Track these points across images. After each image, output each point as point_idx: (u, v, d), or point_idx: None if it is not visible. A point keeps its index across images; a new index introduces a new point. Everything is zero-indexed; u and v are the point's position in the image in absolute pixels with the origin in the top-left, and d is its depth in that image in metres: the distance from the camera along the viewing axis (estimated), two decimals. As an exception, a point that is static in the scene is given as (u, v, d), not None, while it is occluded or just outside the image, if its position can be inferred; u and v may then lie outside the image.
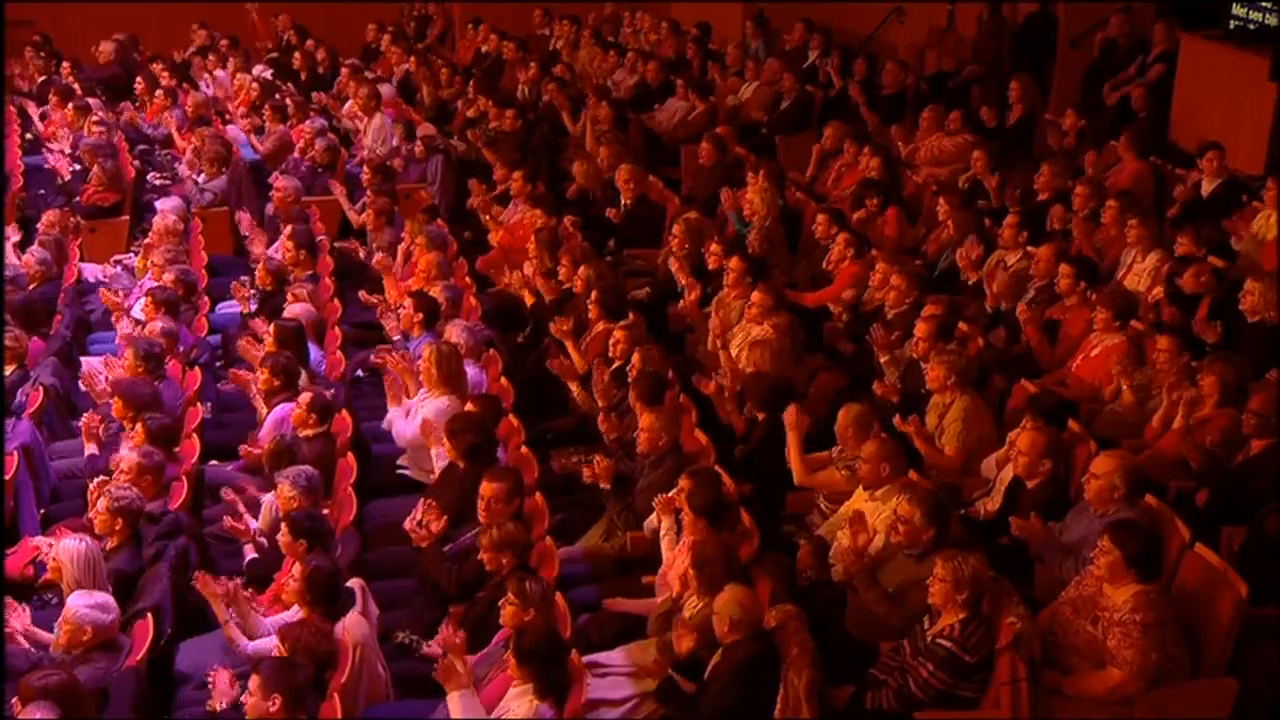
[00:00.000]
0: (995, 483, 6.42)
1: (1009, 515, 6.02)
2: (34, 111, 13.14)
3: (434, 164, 11.43)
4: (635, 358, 7.27)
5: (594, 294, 8.01)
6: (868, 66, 12.77)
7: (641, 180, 10.21)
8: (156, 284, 8.90)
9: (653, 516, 6.21)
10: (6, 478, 6.92)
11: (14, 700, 5.12)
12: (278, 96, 12.77)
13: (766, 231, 9.17)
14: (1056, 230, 8.85)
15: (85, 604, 5.56)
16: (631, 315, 8.04)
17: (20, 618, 5.81)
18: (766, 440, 6.73)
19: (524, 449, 6.93)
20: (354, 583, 5.81)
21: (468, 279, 9.10)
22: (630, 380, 7.13)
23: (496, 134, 11.84)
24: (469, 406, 6.90)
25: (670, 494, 6.06)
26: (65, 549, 5.86)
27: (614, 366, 7.54)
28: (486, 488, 6.15)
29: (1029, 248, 8.34)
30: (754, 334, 7.59)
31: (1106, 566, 5.15)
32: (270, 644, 5.61)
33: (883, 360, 7.42)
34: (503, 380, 7.63)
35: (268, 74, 13.80)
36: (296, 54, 14.46)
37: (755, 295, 7.74)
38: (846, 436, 6.37)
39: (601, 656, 5.67)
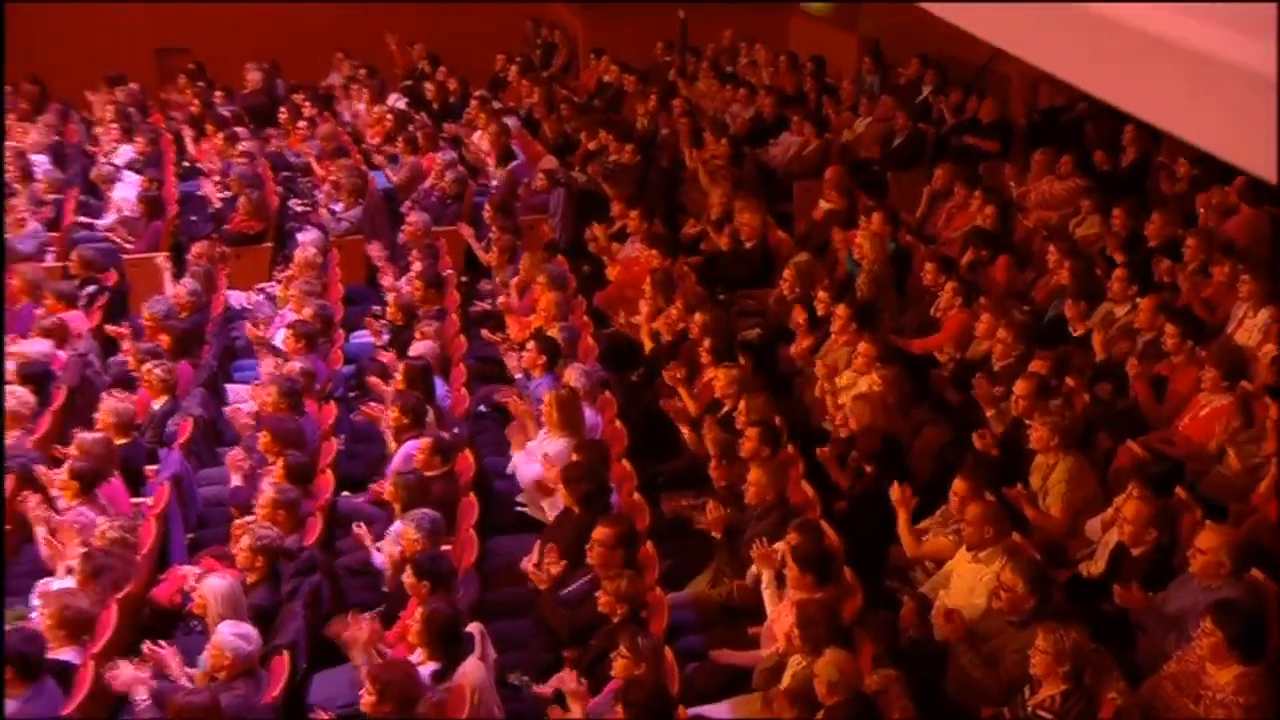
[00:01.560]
0: (1099, 546, 6.32)
1: (1113, 580, 5.93)
2: (189, 138, 13.48)
3: (556, 197, 11.50)
4: (743, 405, 7.29)
5: (706, 341, 8.03)
6: (978, 102, 12.56)
7: (757, 219, 10.19)
8: (296, 317, 9.13)
9: (755, 566, 6.24)
10: (158, 509, 7.19)
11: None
12: (410, 128, 12.95)
13: (875, 275, 9.12)
14: (1164, 283, 8.64)
15: (232, 633, 5.74)
16: (741, 359, 8.05)
17: (170, 656, 5.96)
18: (872, 495, 6.70)
19: (636, 495, 6.98)
20: (473, 627, 5.90)
21: (585, 317, 9.16)
22: (739, 427, 7.16)
23: (616, 168, 11.89)
24: (583, 454, 6.97)
25: (771, 547, 6.09)
26: (210, 587, 6.07)
27: (723, 412, 7.57)
28: (599, 534, 6.22)
29: (1138, 300, 8.16)
30: (860, 386, 7.54)
31: (1209, 647, 5.03)
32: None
33: (988, 414, 7.35)
34: (617, 423, 7.69)
35: (402, 103, 13.97)
36: (429, 83, 14.64)
37: (862, 345, 7.70)
38: (957, 503, 6.29)
39: (708, 709, 5.69)
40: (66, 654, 6.03)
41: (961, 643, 5.59)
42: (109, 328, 9.60)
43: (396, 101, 14.02)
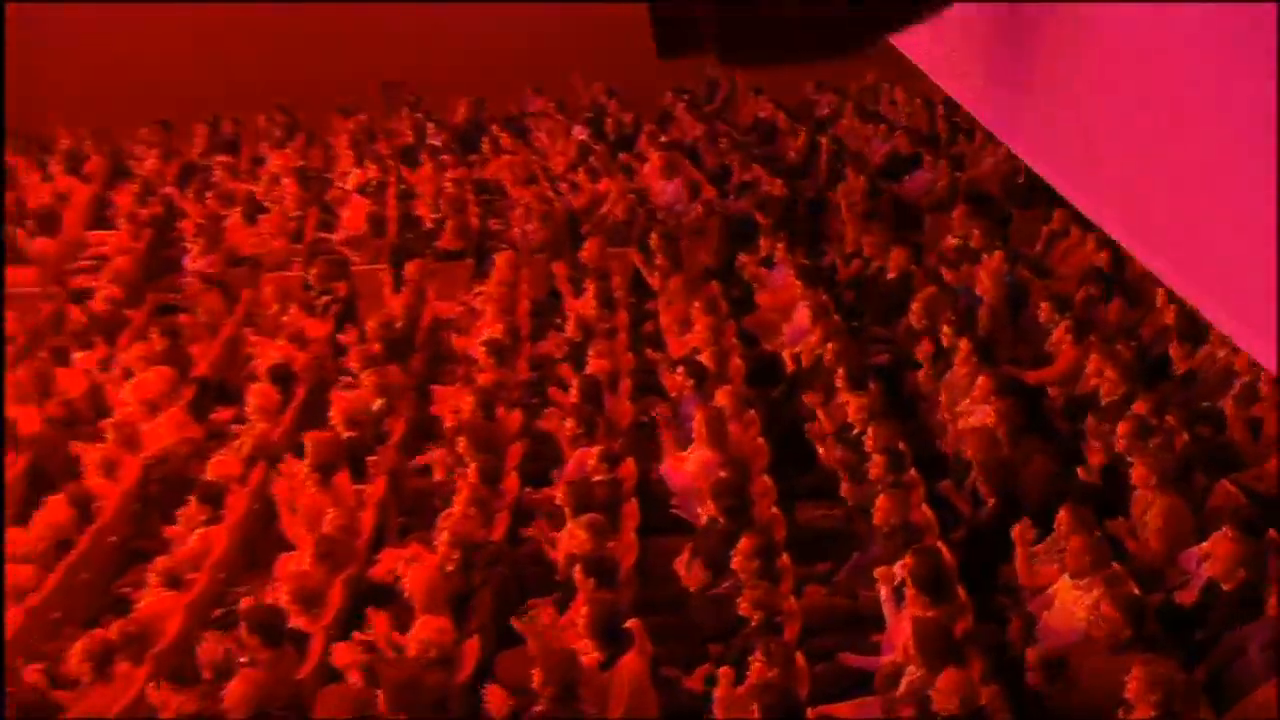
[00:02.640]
0: (1193, 578, 6.09)
1: (1204, 610, 5.72)
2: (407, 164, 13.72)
3: (713, 225, 11.46)
4: (871, 431, 7.19)
5: (840, 368, 7.93)
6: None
7: (891, 251, 10.01)
8: (490, 330, 9.26)
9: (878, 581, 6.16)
10: (378, 498, 7.40)
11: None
12: (590, 158, 13.02)
13: (994, 310, 8.89)
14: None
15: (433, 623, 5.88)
16: (872, 385, 7.93)
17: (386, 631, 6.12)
18: (988, 522, 6.55)
19: (774, 509, 6.94)
20: (632, 623, 5.96)
21: (735, 339, 9.11)
22: (868, 450, 7.07)
23: (767, 199, 11.80)
24: (729, 470, 6.95)
25: (893, 567, 6.01)
26: (415, 577, 6.20)
27: (853, 434, 7.47)
28: (742, 545, 6.21)
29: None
30: (977, 416, 7.37)
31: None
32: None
33: (1094, 444, 7.13)
34: (759, 440, 7.64)
35: (584, 134, 14.02)
36: (607, 117, 14.69)
37: (980, 379, 7.53)
38: (1062, 531, 6.11)
39: (835, 709, 5.67)
40: (301, 624, 6.28)
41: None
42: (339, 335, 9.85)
43: (579, 133, 14.03)
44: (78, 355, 9.71)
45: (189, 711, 5.39)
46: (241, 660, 5.83)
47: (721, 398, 7.70)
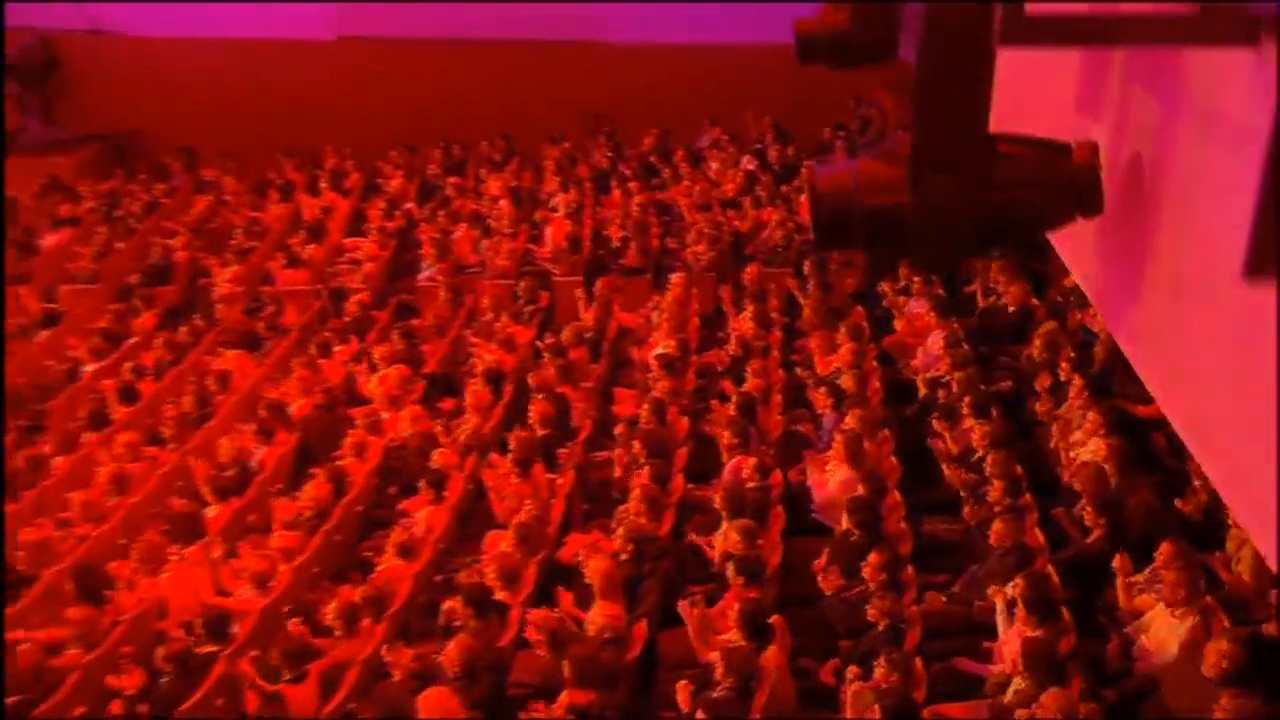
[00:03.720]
0: (1281, 610, 5.82)
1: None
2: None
3: (858, 255, 11.27)
4: (991, 457, 7.03)
5: (966, 396, 7.78)
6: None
7: (1018, 286, 9.68)
8: (664, 343, 9.37)
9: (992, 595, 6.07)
10: (567, 489, 7.59)
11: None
12: (756, 188, 12.93)
13: (1109, 347, 8.55)
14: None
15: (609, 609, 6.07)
16: (994, 412, 7.76)
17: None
18: (1094, 549, 6.36)
19: (903, 524, 6.88)
20: (775, 619, 5.98)
21: (874, 362, 8.99)
22: (988, 474, 6.94)
23: (910, 230, 11.50)
24: (865, 487, 6.92)
25: (1004, 588, 5.91)
26: (595, 566, 6.35)
27: (975, 458, 7.33)
28: (871, 558, 6.21)
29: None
30: (1089, 448, 7.14)
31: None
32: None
33: (1195, 483, 6.83)
34: (892, 459, 7.57)
35: (752, 165, 13.89)
36: (772, 149, 14.53)
37: (1092, 415, 7.28)
38: (1161, 562, 5.91)
39: (947, 709, 5.63)
40: (503, 598, 6.49)
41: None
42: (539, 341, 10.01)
43: (747, 163, 13.90)
44: (337, 348, 10.18)
45: (415, 668, 5.69)
46: (456, 624, 6.10)
47: (858, 418, 7.65)
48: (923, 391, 8.53)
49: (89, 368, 10.31)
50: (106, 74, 15.39)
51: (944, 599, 6.51)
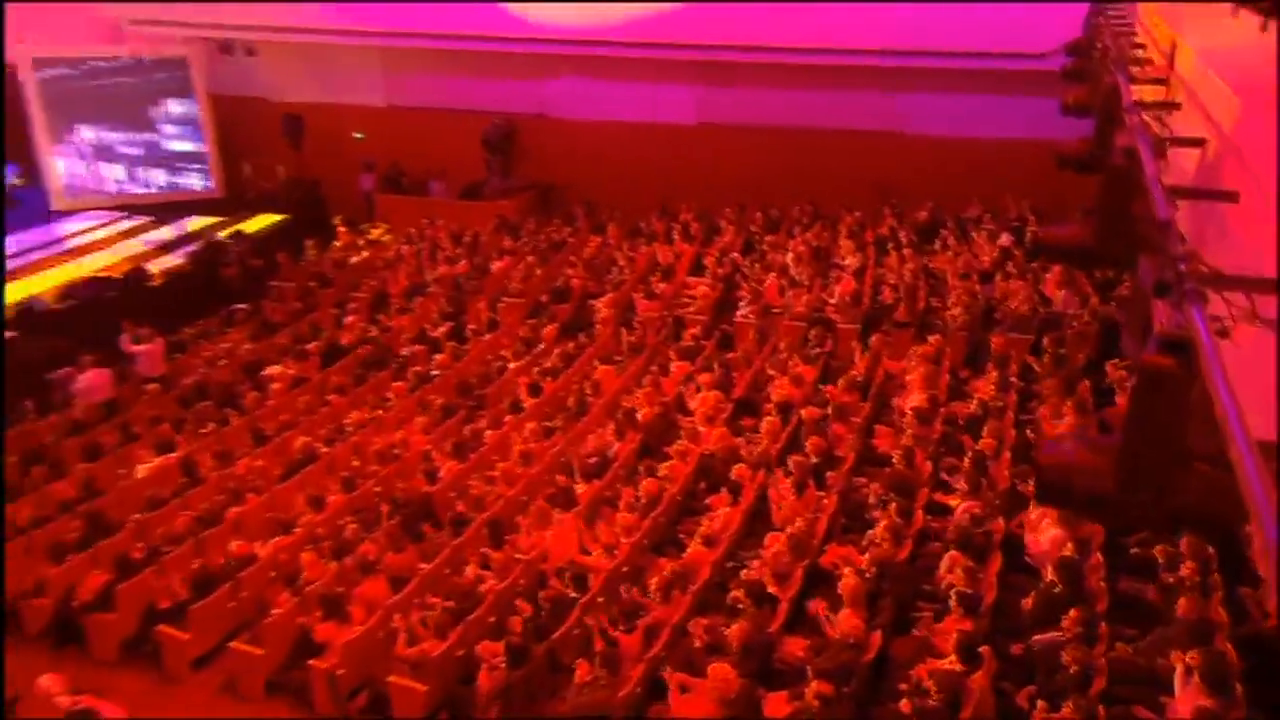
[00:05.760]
0: None
1: None
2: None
3: (1091, 331, 10.29)
4: (1186, 537, 6.39)
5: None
6: None
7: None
8: (918, 394, 9.15)
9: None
10: (831, 510, 7.64)
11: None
12: (1009, 263, 12.09)
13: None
14: None
15: (853, 619, 6.10)
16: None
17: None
18: (1275, 630, 5.70)
19: (1102, 583, 6.44)
20: (984, 649, 5.81)
21: (1095, 431, 8.33)
22: (1182, 550, 6.34)
23: (1123, 300, 10.33)
24: (1074, 549, 6.54)
25: (1186, 654, 5.44)
26: (845, 582, 6.31)
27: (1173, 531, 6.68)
28: (1072, 613, 5.91)
29: None
30: None
31: None
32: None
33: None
34: (1099, 525, 7.04)
35: (1008, 241, 12.95)
36: (1029, 229, 13.43)
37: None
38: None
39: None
40: (774, 592, 6.69)
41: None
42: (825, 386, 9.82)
43: (1005, 240, 12.98)
44: (674, 366, 10.59)
45: (706, 640, 6.07)
46: (739, 608, 6.33)
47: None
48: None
49: (512, 365, 11.10)
50: (543, 144, 16.69)
51: (1131, 651, 6.09)
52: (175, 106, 16.73)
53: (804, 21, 14.01)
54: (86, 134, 16.27)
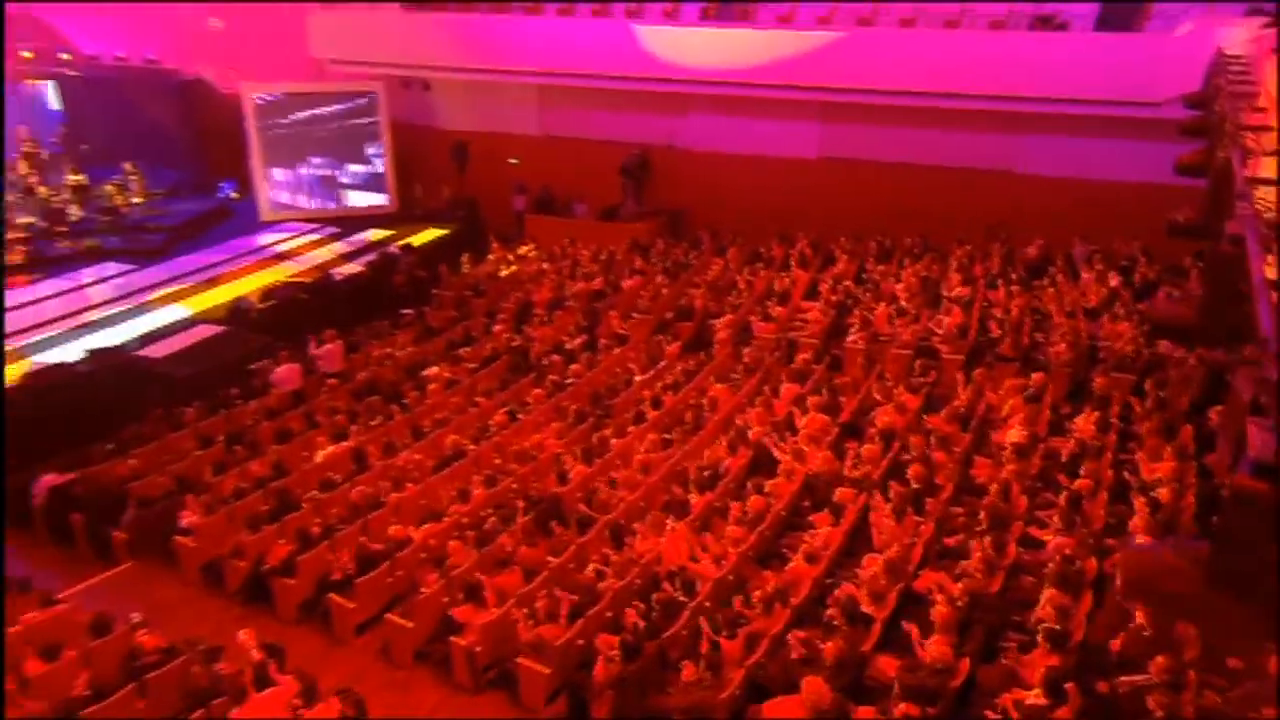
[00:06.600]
0: None
1: None
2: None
3: (1196, 375, 9.55)
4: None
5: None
6: None
7: None
8: (1017, 437, 8.79)
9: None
10: (927, 536, 7.48)
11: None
12: (1115, 303, 11.38)
13: None
14: None
15: (943, 645, 6.00)
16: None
17: None
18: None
19: (1193, 631, 6.05)
20: (1070, 686, 5.59)
21: (1193, 477, 7.77)
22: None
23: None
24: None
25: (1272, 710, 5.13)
26: (938, 610, 6.25)
27: None
28: (1159, 659, 5.63)
29: None
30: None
31: None
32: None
33: None
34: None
35: (1115, 281, 12.10)
36: (1137, 270, 12.48)
37: None
38: None
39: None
40: (870, 612, 6.52)
41: None
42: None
43: (1113, 279, 12.18)
44: (784, 388, 10.41)
45: (803, 653, 6.09)
46: (835, 625, 6.29)
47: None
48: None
49: (638, 378, 11.18)
50: (674, 172, 16.92)
51: (1220, 700, 5.76)
52: (364, 134, 17.92)
53: (925, 68, 13.66)
54: (291, 155, 17.59)
